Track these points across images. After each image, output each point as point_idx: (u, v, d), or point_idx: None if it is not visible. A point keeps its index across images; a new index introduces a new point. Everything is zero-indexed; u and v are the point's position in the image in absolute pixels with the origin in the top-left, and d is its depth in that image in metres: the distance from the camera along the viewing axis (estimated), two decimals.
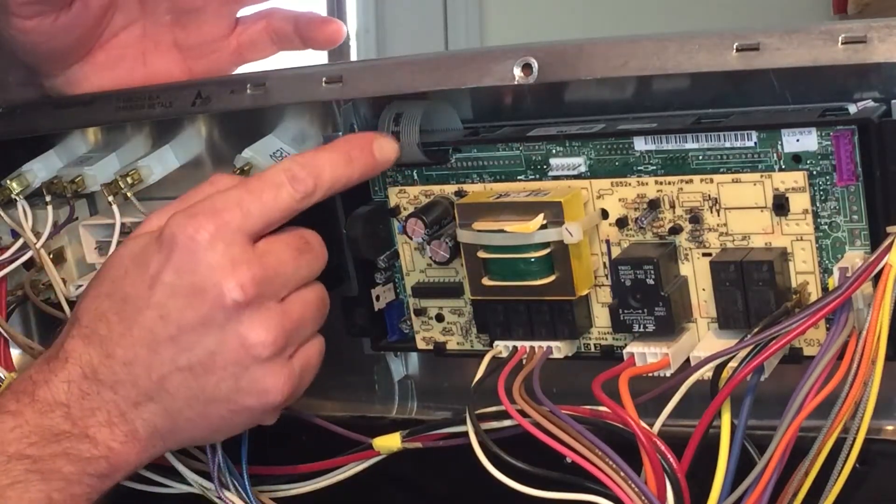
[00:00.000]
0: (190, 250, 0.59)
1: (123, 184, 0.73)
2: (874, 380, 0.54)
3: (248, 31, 0.77)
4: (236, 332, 0.59)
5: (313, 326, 0.63)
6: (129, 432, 0.59)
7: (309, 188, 0.61)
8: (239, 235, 0.59)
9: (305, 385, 0.62)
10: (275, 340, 0.59)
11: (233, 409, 0.60)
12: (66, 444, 0.58)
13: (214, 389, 0.59)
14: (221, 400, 0.60)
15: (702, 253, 0.61)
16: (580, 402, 0.59)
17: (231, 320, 0.59)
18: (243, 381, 0.59)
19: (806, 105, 0.59)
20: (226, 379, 0.59)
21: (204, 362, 0.59)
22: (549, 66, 0.59)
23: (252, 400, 0.60)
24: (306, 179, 0.61)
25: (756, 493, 0.55)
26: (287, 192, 0.60)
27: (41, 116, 0.75)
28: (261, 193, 0.60)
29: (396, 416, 0.76)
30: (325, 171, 0.62)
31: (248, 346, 0.59)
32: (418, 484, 0.73)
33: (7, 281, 0.75)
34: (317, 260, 0.63)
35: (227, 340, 0.59)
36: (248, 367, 0.59)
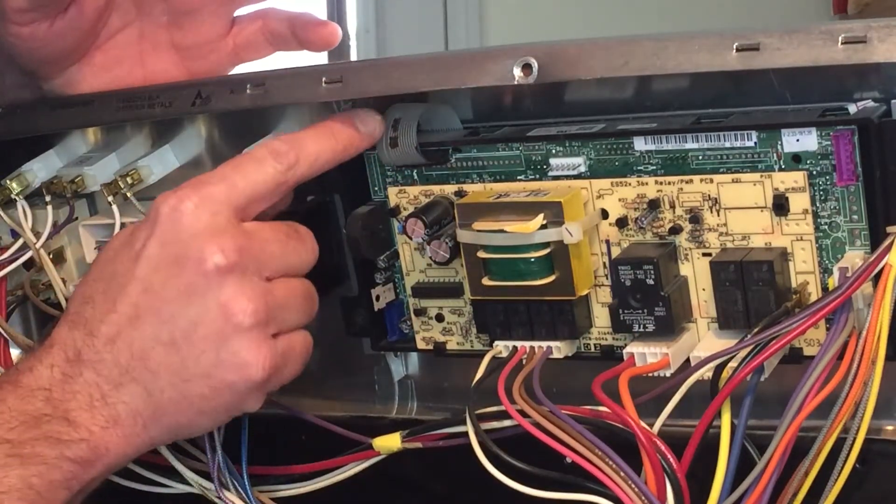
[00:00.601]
0: (173, 220, 0.59)
1: (123, 184, 0.73)
2: (874, 380, 0.54)
3: (244, 32, 0.77)
4: (217, 300, 0.58)
5: (298, 316, 0.62)
6: (109, 416, 0.58)
7: (291, 160, 0.61)
8: (224, 207, 0.59)
9: (289, 373, 0.62)
10: (255, 310, 0.59)
11: (213, 386, 0.59)
12: (46, 427, 0.57)
13: (195, 364, 0.59)
14: (201, 375, 0.59)
15: (702, 253, 0.61)
16: (580, 402, 0.59)
17: (212, 287, 0.58)
18: (223, 352, 0.58)
19: (806, 105, 0.59)
20: (206, 351, 0.58)
21: (185, 334, 0.58)
22: (549, 66, 0.59)
23: (232, 374, 0.59)
24: (288, 152, 0.62)
25: (756, 493, 0.55)
26: (270, 165, 0.61)
27: (41, 116, 0.75)
28: (244, 167, 0.61)
29: (396, 416, 0.76)
30: (308, 143, 0.63)
31: (228, 314, 0.58)
32: (418, 484, 0.73)
33: (7, 281, 0.75)
34: (306, 251, 0.63)
35: (207, 309, 0.58)
36: (228, 338, 0.58)
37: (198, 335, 0.58)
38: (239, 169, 0.61)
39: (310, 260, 0.63)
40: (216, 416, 0.61)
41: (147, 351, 0.59)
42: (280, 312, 0.60)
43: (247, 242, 0.59)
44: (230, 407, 0.61)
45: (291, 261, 0.62)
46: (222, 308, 0.58)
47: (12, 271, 0.74)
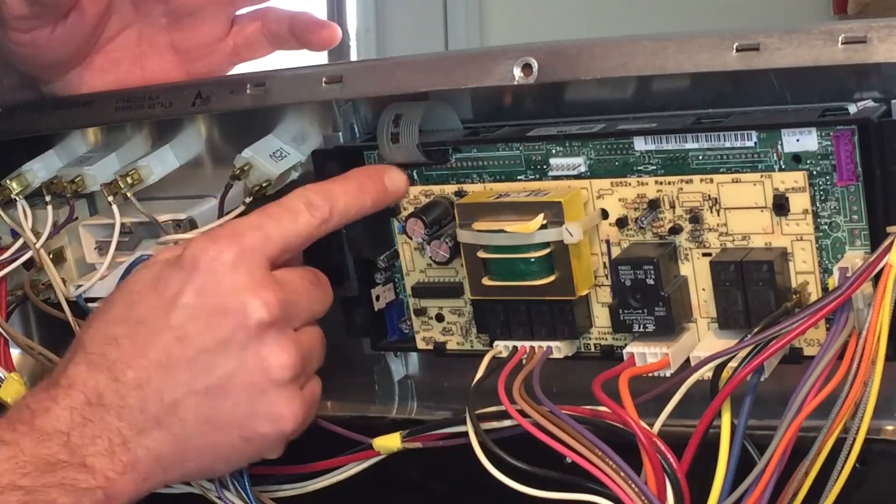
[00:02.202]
0: (213, 272, 0.58)
1: (123, 184, 0.73)
2: (874, 380, 0.54)
3: (243, 32, 0.77)
4: (257, 354, 0.58)
5: (318, 363, 0.63)
6: (129, 462, 0.57)
7: (325, 214, 0.62)
8: (260, 258, 0.59)
9: (310, 419, 0.62)
10: (293, 365, 0.59)
11: (245, 437, 0.59)
12: (62, 473, 0.56)
13: (229, 414, 0.58)
14: (235, 426, 0.59)
15: (702, 253, 0.61)
16: (580, 402, 0.59)
17: (252, 341, 0.58)
18: (259, 405, 0.58)
19: (806, 105, 0.59)
20: (242, 403, 0.58)
21: (221, 385, 0.58)
22: (549, 66, 0.59)
23: (266, 426, 0.59)
24: (322, 205, 0.62)
25: (756, 493, 0.55)
26: (305, 218, 0.61)
27: (41, 116, 0.75)
28: (280, 219, 0.61)
29: (396, 416, 0.76)
30: (340, 198, 0.63)
31: (267, 369, 0.58)
32: (418, 484, 0.73)
33: (7, 281, 0.75)
34: (325, 297, 0.63)
35: (247, 362, 0.58)
36: (265, 391, 0.58)
37: (234, 386, 0.58)
38: (274, 219, 0.61)
39: (327, 305, 0.64)
40: (238, 463, 0.61)
41: (179, 399, 0.58)
42: (308, 362, 0.61)
43: (284, 296, 0.59)
44: (254, 455, 0.61)
45: (316, 308, 0.62)
46: (261, 361, 0.58)
47: (12, 271, 0.74)
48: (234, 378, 0.58)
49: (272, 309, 0.58)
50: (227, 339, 0.58)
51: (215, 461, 0.60)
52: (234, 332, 0.58)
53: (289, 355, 0.59)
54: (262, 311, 0.58)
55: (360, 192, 0.64)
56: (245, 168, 0.70)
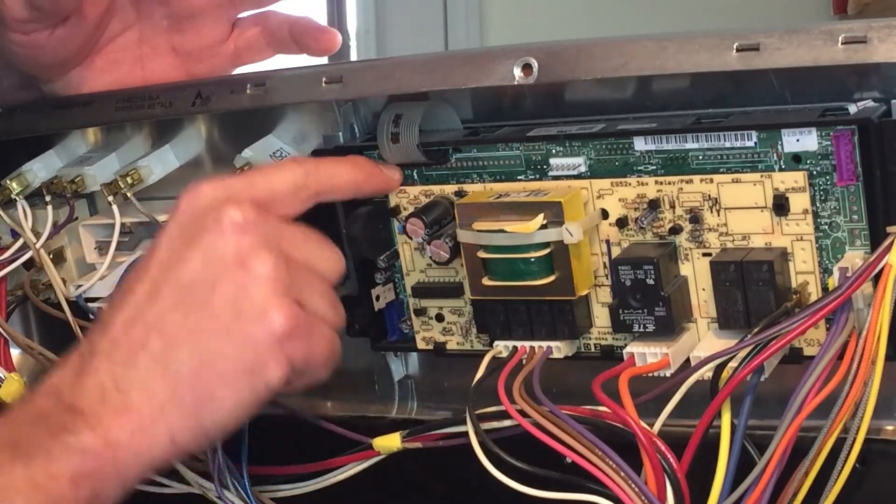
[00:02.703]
0: (191, 200, 0.58)
1: (123, 184, 0.73)
2: (874, 380, 0.54)
3: (244, 35, 0.77)
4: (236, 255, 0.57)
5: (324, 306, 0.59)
6: (122, 403, 0.55)
7: (311, 167, 0.62)
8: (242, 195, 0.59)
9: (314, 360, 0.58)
10: (276, 262, 0.57)
11: (234, 343, 0.56)
12: (52, 420, 0.54)
13: (215, 322, 0.56)
14: (221, 332, 0.56)
15: (702, 253, 0.61)
16: (580, 402, 0.59)
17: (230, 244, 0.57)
18: (243, 304, 0.56)
19: (806, 105, 0.59)
20: (226, 307, 0.56)
21: (204, 296, 0.56)
22: (549, 66, 0.59)
23: (252, 325, 0.56)
24: (309, 162, 0.63)
25: (756, 493, 0.55)
26: (289, 168, 0.61)
27: (41, 117, 0.75)
28: (264, 168, 0.62)
29: (396, 416, 0.76)
30: (329, 162, 0.63)
31: (247, 265, 0.56)
32: (418, 484, 0.73)
33: (7, 281, 0.75)
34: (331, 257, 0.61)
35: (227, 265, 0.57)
36: (247, 289, 0.56)
37: (217, 293, 0.56)
38: (259, 170, 0.62)
39: (332, 268, 0.61)
40: (238, 386, 0.56)
41: (164, 319, 0.56)
42: (302, 285, 0.58)
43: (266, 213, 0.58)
44: (252, 370, 0.56)
45: (314, 256, 0.60)
46: (240, 260, 0.57)
47: (12, 271, 0.74)
48: (216, 285, 0.56)
49: (247, 213, 0.57)
50: (206, 250, 0.57)
51: (213, 384, 0.56)
52: (212, 240, 0.57)
53: (269, 252, 0.57)
54: (236, 214, 0.57)
55: (351, 164, 0.64)
56: (245, 168, 0.70)
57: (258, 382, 0.57)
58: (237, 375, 0.56)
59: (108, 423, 0.54)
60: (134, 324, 0.57)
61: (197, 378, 0.56)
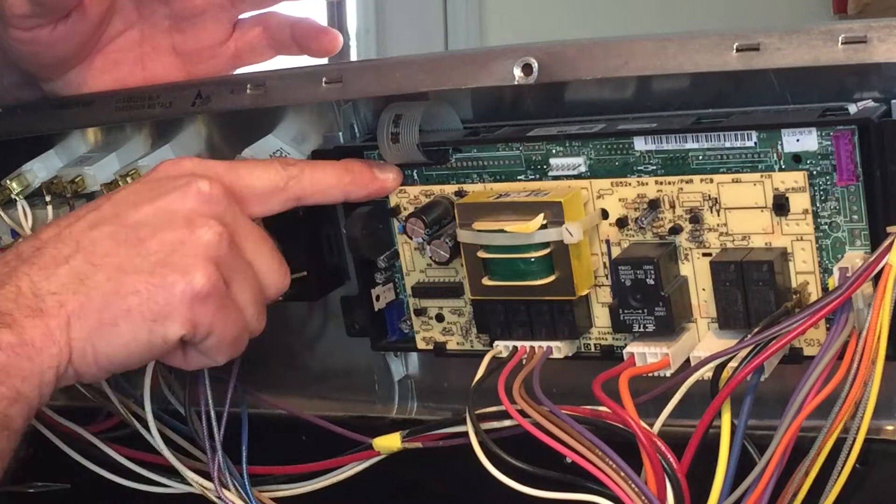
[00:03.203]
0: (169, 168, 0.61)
1: (123, 184, 0.73)
2: (874, 380, 0.54)
3: (245, 36, 0.77)
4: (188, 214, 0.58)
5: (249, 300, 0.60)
6: (35, 307, 0.55)
7: (296, 171, 0.62)
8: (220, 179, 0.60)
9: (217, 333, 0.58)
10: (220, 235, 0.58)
11: (152, 283, 0.57)
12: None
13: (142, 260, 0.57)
14: (144, 270, 0.57)
15: (702, 253, 0.61)
16: (580, 402, 0.59)
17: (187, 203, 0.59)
18: (175, 255, 0.57)
19: (806, 105, 0.59)
20: (158, 251, 0.57)
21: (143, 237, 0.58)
22: (549, 66, 0.59)
23: (175, 276, 0.57)
24: (296, 164, 0.63)
25: (756, 493, 0.55)
26: (274, 169, 0.62)
27: (41, 116, 0.75)
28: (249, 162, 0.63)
29: (396, 416, 0.76)
30: (318, 167, 0.64)
31: (194, 226, 0.58)
32: (418, 484, 0.73)
33: None
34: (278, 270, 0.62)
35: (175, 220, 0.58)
36: (184, 244, 0.58)
37: (156, 238, 0.58)
38: (243, 162, 0.63)
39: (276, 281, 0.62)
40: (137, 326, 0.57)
41: (97, 246, 0.58)
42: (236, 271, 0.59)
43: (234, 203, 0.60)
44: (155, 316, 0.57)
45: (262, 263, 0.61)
46: (189, 220, 0.58)
47: None
48: (158, 231, 0.58)
49: (215, 192, 0.59)
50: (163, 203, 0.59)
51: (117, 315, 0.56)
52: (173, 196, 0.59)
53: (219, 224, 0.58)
54: (204, 184, 0.59)
55: (340, 169, 0.65)
56: None
57: (158, 330, 0.57)
58: (142, 315, 0.57)
59: (22, 322, 0.55)
60: (65, 240, 0.58)
61: (106, 304, 0.57)
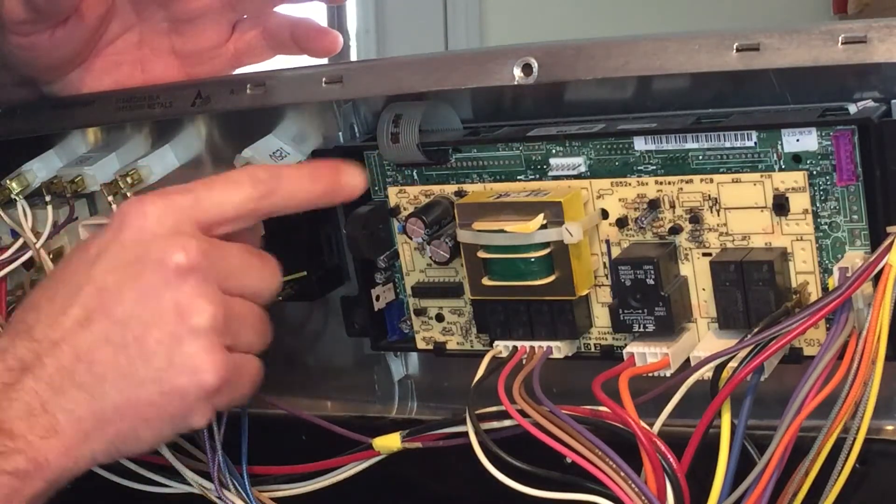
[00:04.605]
0: (138, 226, 0.57)
1: (123, 184, 0.73)
2: (874, 380, 0.54)
3: (245, 37, 0.77)
4: (175, 301, 0.56)
5: (253, 337, 0.60)
6: (49, 426, 0.55)
7: (267, 190, 0.59)
8: (188, 218, 0.58)
9: (239, 393, 0.59)
10: (214, 315, 0.57)
11: (163, 392, 0.56)
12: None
13: (145, 367, 0.56)
14: (151, 380, 0.56)
15: (702, 253, 0.61)
16: (580, 402, 0.59)
17: (170, 287, 0.56)
18: (176, 355, 0.56)
19: (806, 105, 0.59)
20: (158, 353, 0.56)
21: (138, 336, 0.56)
22: (549, 66, 0.59)
23: (184, 379, 0.56)
24: (267, 181, 0.60)
25: (756, 493, 0.55)
26: (244, 190, 0.59)
27: (41, 116, 0.75)
28: (215, 186, 0.59)
29: (396, 416, 0.76)
30: (287, 179, 0.61)
31: (184, 315, 0.56)
32: (418, 484, 0.73)
33: (7, 281, 0.75)
34: (267, 276, 0.61)
35: (164, 310, 0.56)
36: (182, 340, 0.56)
37: (151, 337, 0.56)
38: (210, 187, 0.59)
39: (270, 286, 0.61)
40: (160, 429, 0.58)
41: (95, 353, 0.56)
42: (236, 327, 0.58)
43: (209, 249, 0.58)
44: (176, 417, 0.58)
45: (251, 281, 0.60)
46: (179, 309, 0.56)
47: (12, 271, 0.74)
48: (151, 328, 0.56)
49: (192, 255, 0.57)
50: (146, 288, 0.56)
51: (137, 424, 0.57)
52: (153, 279, 0.56)
53: (209, 302, 0.57)
54: (180, 257, 0.56)
55: (311, 180, 0.61)
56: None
57: (181, 426, 0.59)
58: (161, 421, 0.58)
59: (38, 445, 0.55)
60: (60, 345, 0.57)
61: (121, 416, 0.57)
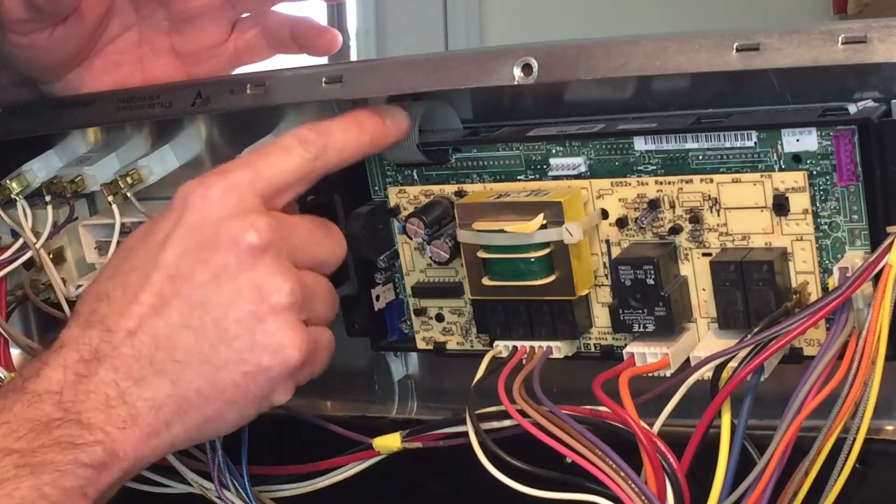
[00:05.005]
0: (202, 207, 0.57)
1: (123, 184, 0.73)
2: (874, 380, 0.54)
3: (244, 36, 0.77)
4: (251, 280, 0.56)
5: (325, 309, 0.60)
6: (128, 416, 0.55)
7: (319, 148, 0.59)
8: (251, 193, 0.57)
9: (318, 366, 0.59)
10: (291, 290, 0.56)
11: (247, 372, 0.56)
12: (58, 432, 0.54)
13: (228, 349, 0.55)
14: (234, 361, 0.56)
15: (702, 253, 0.61)
16: (580, 402, 0.59)
17: (245, 268, 0.56)
18: (258, 334, 0.56)
19: (806, 105, 0.59)
20: (240, 335, 0.55)
21: (217, 318, 0.55)
22: (549, 66, 0.59)
23: (268, 357, 0.56)
24: (316, 140, 0.60)
25: (756, 493, 0.55)
26: (297, 153, 0.59)
27: (41, 116, 0.75)
28: (270, 156, 0.59)
29: (396, 416, 0.76)
30: (336, 133, 0.61)
31: (263, 294, 0.56)
32: (418, 484, 0.73)
33: (7, 281, 0.75)
34: (335, 244, 0.61)
35: (241, 290, 0.56)
36: (263, 319, 0.56)
37: (230, 319, 0.56)
38: (265, 157, 0.59)
39: (338, 254, 0.61)
40: (244, 409, 0.57)
41: (174, 339, 0.55)
42: (311, 301, 0.58)
43: (279, 224, 0.57)
44: (260, 397, 0.57)
45: (320, 252, 0.60)
46: (257, 288, 0.56)
47: (12, 271, 0.74)
48: (230, 310, 0.56)
49: (263, 234, 0.56)
50: (220, 270, 0.56)
51: (221, 407, 0.57)
52: (226, 261, 0.56)
53: (285, 279, 0.56)
54: (253, 236, 0.56)
55: (358, 129, 0.61)
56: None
57: (265, 404, 0.58)
58: (246, 402, 0.57)
59: (115, 436, 0.55)
60: (137, 333, 0.56)
61: (206, 400, 0.56)
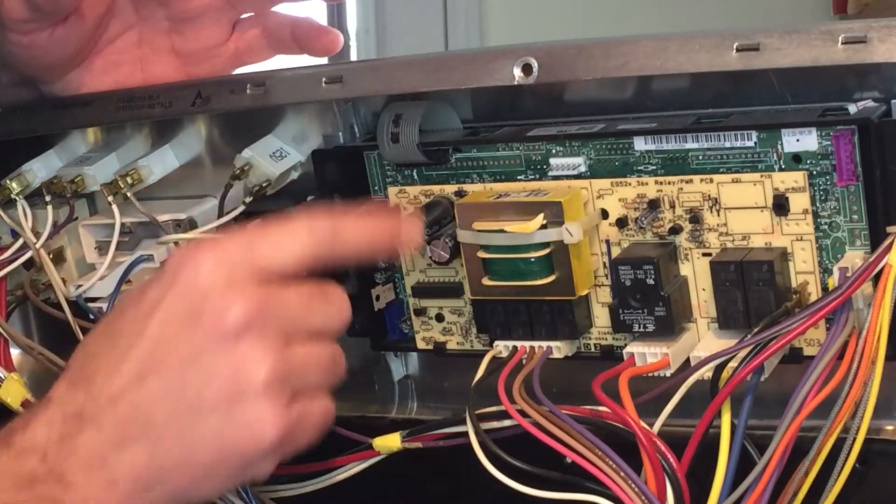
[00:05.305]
0: (192, 278, 0.55)
1: (123, 184, 0.73)
2: (874, 380, 0.54)
3: (245, 36, 0.77)
4: (231, 357, 0.54)
5: (318, 380, 0.57)
6: (108, 479, 0.54)
7: (325, 237, 0.57)
8: (244, 267, 0.55)
9: (303, 441, 0.57)
10: (273, 367, 0.54)
11: (223, 450, 0.55)
12: (40, 488, 0.53)
13: (203, 426, 0.54)
14: (210, 437, 0.54)
15: (702, 253, 0.61)
16: (580, 402, 0.59)
17: (227, 345, 0.54)
18: (234, 414, 0.54)
19: (806, 105, 0.59)
20: (217, 414, 0.54)
21: (194, 394, 0.54)
22: (549, 66, 0.59)
23: (244, 437, 0.55)
24: (325, 228, 0.57)
25: (756, 493, 0.55)
26: (302, 239, 0.56)
27: (41, 116, 0.75)
28: (273, 234, 0.57)
29: (396, 416, 0.76)
30: (349, 230, 0.58)
31: (241, 372, 0.54)
32: (418, 484, 0.73)
33: (7, 281, 0.75)
34: (335, 313, 0.58)
35: (220, 367, 0.54)
36: (239, 398, 0.54)
37: (207, 395, 0.54)
38: (267, 234, 0.57)
39: (336, 323, 0.58)
40: (221, 483, 0.57)
41: (154, 410, 0.54)
42: (298, 376, 0.56)
43: (267, 299, 0.55)
44: (237, 473, 0.56)
45: (315, 322, 0.57)
46: (236, 366, 0.54)
47: (12, 271, 0.74)
48: (208, 386, 0.54)
49: (248, 309, 0.54)
50: (202, 345, 0.54)
51: (198, 481, 0.56)
52: (209, 336, 0.54)
53: (265, 357, 0.54)
54: (237, 312, 0.54)
55: (371, 234, 0.58)
56: (245, 168, 0.70)
57: (242, 480, 0.58)
58: (222, 476, 0.56)
59: (95, 496, 0.54)
60: (121, 401, 0.55)
61: (181, 473, 0.55)
